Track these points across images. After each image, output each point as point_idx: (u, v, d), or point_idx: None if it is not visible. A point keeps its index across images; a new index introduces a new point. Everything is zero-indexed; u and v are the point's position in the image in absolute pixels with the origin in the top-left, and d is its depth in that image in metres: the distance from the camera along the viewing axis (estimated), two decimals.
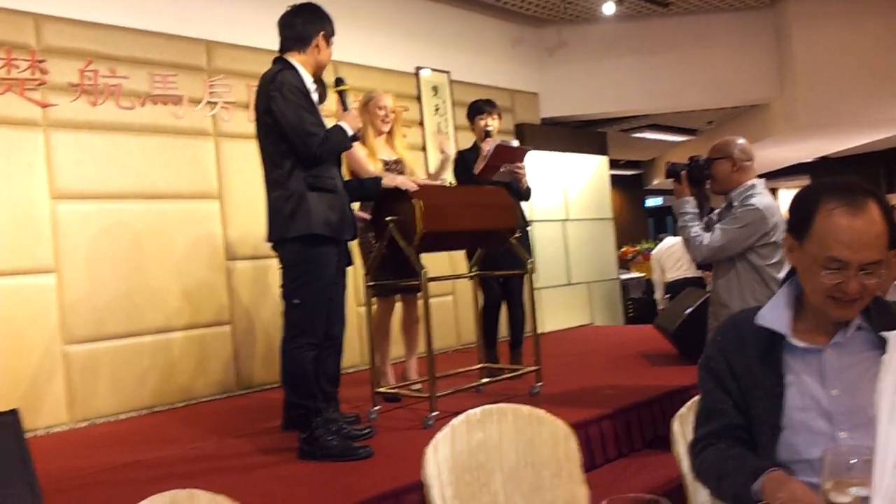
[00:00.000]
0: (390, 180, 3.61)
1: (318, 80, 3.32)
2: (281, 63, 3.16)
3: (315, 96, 3.19)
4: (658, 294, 7.32)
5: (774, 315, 1.48)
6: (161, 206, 4.60)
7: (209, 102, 4.88)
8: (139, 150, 4.53)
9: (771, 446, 1.42)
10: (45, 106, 4.18)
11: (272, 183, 3.13)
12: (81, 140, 4.31)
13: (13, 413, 2.24)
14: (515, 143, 4.43)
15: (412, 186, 3.52)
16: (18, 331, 3.99)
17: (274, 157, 3.10)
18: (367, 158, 3.96)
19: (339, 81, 3.31)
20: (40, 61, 4.17)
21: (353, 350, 5.42)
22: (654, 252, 7.53)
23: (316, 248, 3.06)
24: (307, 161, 3.04)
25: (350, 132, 3.16)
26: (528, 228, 4.69)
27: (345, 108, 3.25)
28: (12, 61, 4.08)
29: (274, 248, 3.19)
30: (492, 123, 4.47)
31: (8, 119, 4.06)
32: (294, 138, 3.01)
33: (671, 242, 7.09)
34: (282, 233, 3.07)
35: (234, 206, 4.92)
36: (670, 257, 7.05)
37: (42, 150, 4.17)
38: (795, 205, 1.45)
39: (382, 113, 4.07)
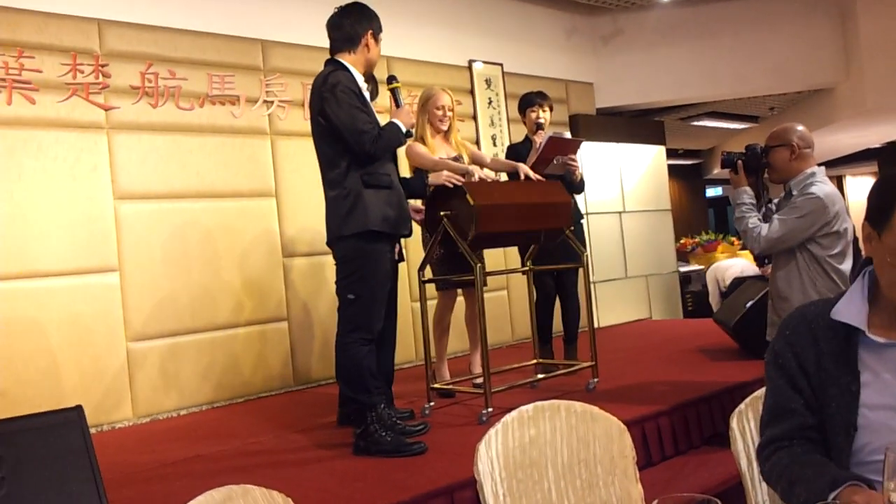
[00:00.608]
0: (436, 177, 3.62)
1: (370, 78, 3.35)
2: (332, 64, 3.20)
3: (367, 94, 3.22)
4: (713, 302, 7.21)
5: (851, 309, 1.40)
6: (220, 204, 4.70)
7: (265, 101, 4.96)
8: (198, 149, 4.64)
9: (846, 447, 1.35)
10: (108, 109, 4.32)
11: (329, 183, 3.17)
12: (143, 141, 4.43)
13: (77, 409, 2.33)
14: (568, 134, 4.40)
15: (458, 180, 3.53)
16: (84, 329, 4.14)
17: (330, 157, 3.15)
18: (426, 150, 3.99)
19: (391, 79, 3.35)
20: (103, 65, 4.31)
21: (408, 345, 5.46)
22: (711, 267, 7.45)
23: (371, 244, 3.10)
24: (361, 159, 3.07)
25: (404, 129, 3.19)
26: (583, 221, 4.66)
27: (398, 104, 3.28)
28: (77, 66, 4.22)
29: (330, 245, 3.23)
30: (543, 116, 4.45)
31: (73, 123, 4.20)
32: (348, 137, 3.05)
33: (728, 261, 7.03)
34: (339, 230, 3.11)
35: (290, 204, 5.00)
36: (730, 268, 6.93)
37: (105, 152, 4.30)
38: (875, 193, 1.38)
39: (440, 112, 4.08)
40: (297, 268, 5.00)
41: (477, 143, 6.21)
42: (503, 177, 4.50)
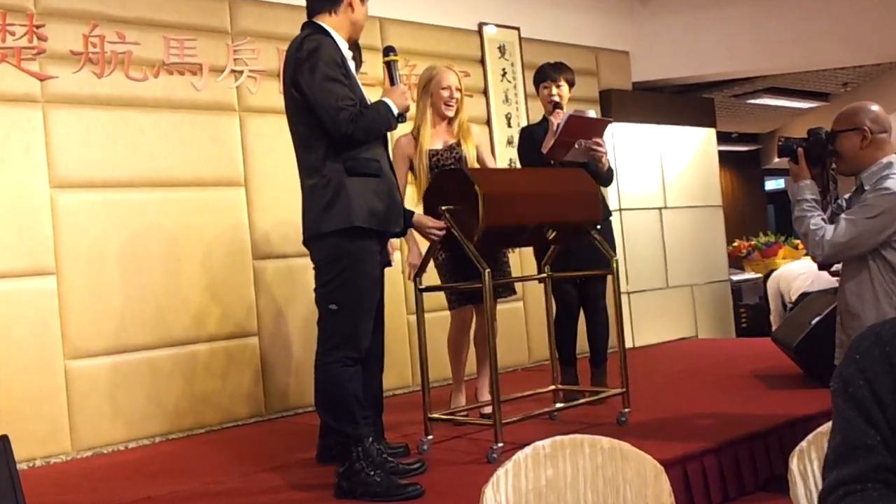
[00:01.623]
0: (419, 220, 3.62)
1: (355, 46, 3.36)
2: (310, 28, 3.22)
3: (352, 64, 3.24)
4: (773, 318, 7.19)
5: None
6: (178, 195, 4.72)
7: (233, 71, 4.98)
8: (152, 128, 4.65)
9: None
10: (43, 79, 4.33)
11: (306, 170, 3.18)
12: (85, 118, 4.45)
13: (3, 439, 2.34)
14: (592, 113, 4.40)
15: (436, 234, 3.55)
16: (13, 344, 4.15)
17: (306, 138, 3.16)
18: (415, 153, 4.01)
19: (387, 51, 3.37)
20: (38, 26, 4.33)
21: (402, 367, 5.47)
22: (773, 275, 7.41)
23: (357, 243, 3.11)
24: (338, 142, 3.09)
25: (395, 110, 3.20)
26: (612, 218, 4.66)
27: (392, 81, 3.29)
28: (7, 27, 4.24)
29: (306, 244, 3.25)
30: (558, 93, 4.45)
31: (1, 94, 4.21)
32: (322, 115, 3.07)
33: (795, 266, 6.99)
34: (317, 226, 3.12)
35: (262, 195, 5.02)
36: (797, 279, 6.88)
37: (40, 130, 4.32)
38: None
39: (447, 94, 4.09)
40: (271, 272, 5.02)
41: (488, 123, 6.22)
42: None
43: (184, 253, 4.71)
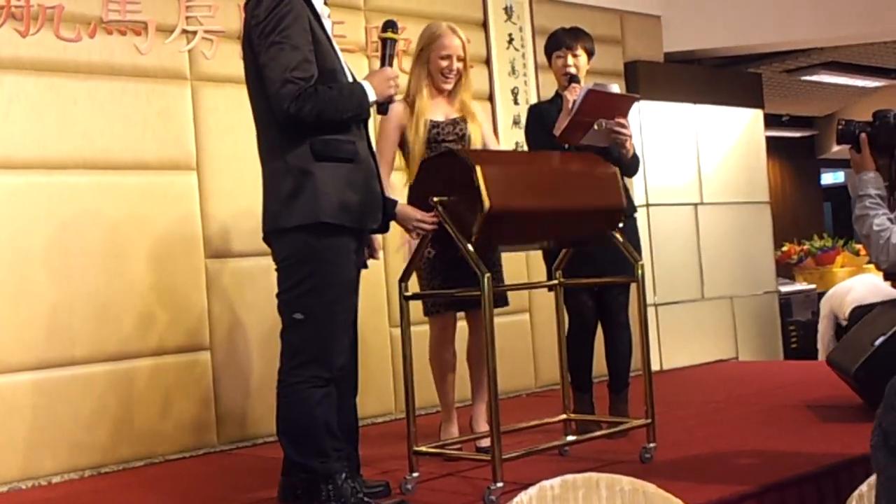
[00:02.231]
0: (403, 211, 3.66)
1: None
2: None
3: (328, 24, 3.24)
4: (821, 346, 7.21)
5: None
6: (116, 179, 4.71)
7: (185, 31, 4.97)
8: (86, 99, 4.65)
9: None
10: None
11: (267, 151, 3.20)
12: (6, 85, 4.43)
13: None
14: (616, 88, 4.40)
15: (424, 228, 3.57)
16: None
17: (265, 113, 3.18)
18: (410, 122, 4.02)
19: (386, 26, 3.37)
20: None
21: (384, 391, 5.48)
22: (826, 296, 7.43)
23: (327, 240, 3.12)
24: (283, 125, 3.09)
25: (372, 97, 3.20)
26: (637, 215, 4.67)
27: (383, 62, 3.30)
28: None
29: (266, 240, 3.25)
30: (575, 62, 4.45)
31: None
32: (267, 88, 3.07)
33: (847, 284, 7.03)
34: (277, 220, 3.13)
35: (218, 181, 5.01)
36: (849, 293, 6.92)
37: None
38: None
39: (445, 63, 4.12)
40: (227, 273, 5.02)
41: (491, 98, 6.23)
42: None
43: (123, 250, 4.70)
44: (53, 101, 4.56)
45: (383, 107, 3.32)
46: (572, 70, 4.43)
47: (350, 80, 3.32)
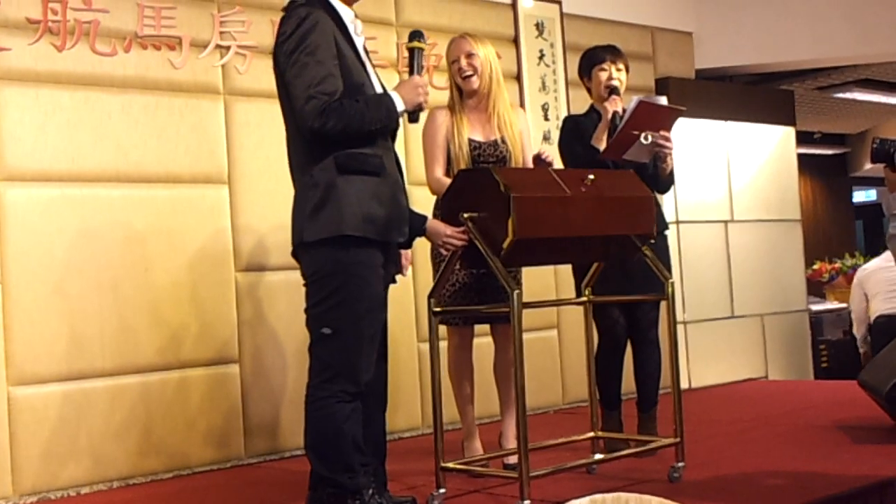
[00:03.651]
0: (433, 227, 3.65)
1: None
2: None
3: (358, 39, 3.25)
4: (858, 332, 7.16)
5: None
6: (148, 192, 4.74)
7: (219, 46, 5.00)
8: (120, 113, 4.68)
9: None
10: None
11: (296, 167, 3.23)
12: (42, 98, 4.47)
13: None
14: (664, 100, 4.39)
15: (454, 244, 3.57)
16: None
17: (295, 130, 3.21)
18: (452, 133, 4.06)
19: (413, 36, 3.39)
20: None
21: (411, 406, 5.47)
22: (857, 275, 7.37)
23: (353, 254, 3.12)
24: (310, 139, 3.12)
25: (400, 106, 3.21)
26: (668, 232, 4.65)
27: (411, 71, 3.32)
28: None
29: (294, 255, 3.26)
30: (618, 76, 4.46)
31: None
32: (294, 104, 3.09)
33: (883, 263, 6.92)
34: (302, 235, 3.14)
35: (249, 195, 5.03)
36: (880, 282, 6.87)
37: None
38: None
39: (456, 67, 4.18)
40: (258, 286, 5.03)
41: None
42: None
43: (154, 262, 4.72)
44: (88, 115, 4.60)
45: (414, 115, 3.32)
46: (615, 83, 4.44)
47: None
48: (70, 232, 4.51)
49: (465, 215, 3.54)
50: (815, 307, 8.55)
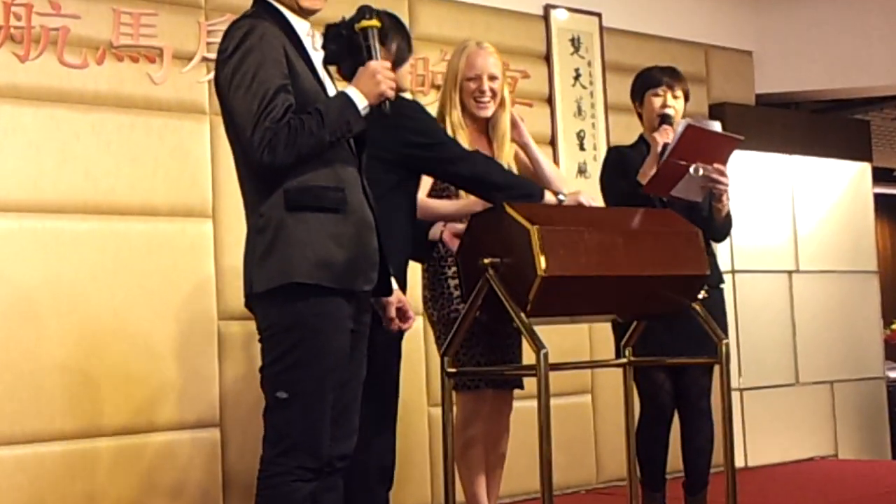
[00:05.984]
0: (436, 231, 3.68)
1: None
2: (256, 4, 3.23)
3: (314, 54, 3.20)
4: None
5: None
6: (120, 225, 4.75)
7: (205, 59, 5.03)
8: (91, 133, 4.70)
9: None
10: None
11: (247, 205, 3.14)
12: (2, 116, 4.50)
13: None
14: (717, 125, 4.39)
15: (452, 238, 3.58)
16: None
17: (243, 164, 3.15)
18: None
19: (361, 13, 3.25)
20: None
21: (420, 482, 5.47)
22: None
23: (310, 304, 3.04)
24: (262, 175, 3.05)
25: (361, 104, 3.09)
26: (723, 285, 4.64)
27: (367, 56, 3.19)
28: None
29: (248, 308, 3.20)
30: (673, 104, 4.47)
31: None
32: (238, 134, 3.05)
33: None
34: (252, 286, 3.08)
35: (236, 231, 5.00)
36: None
37: None
38: None
39: (473, 87, 4.10)
40: (243, 337, 5.03)
41: (552, 143, 6.24)
42: None
43: (125, 307, 4.73)
44: (53, 135, 4.61)
45: (379, 109, 3.12)
46: (670, 111, 4.44)
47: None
48: (29, 270, 4.52)
49: (486, 261, 3.49)
50: (893, 374, 8.51)
